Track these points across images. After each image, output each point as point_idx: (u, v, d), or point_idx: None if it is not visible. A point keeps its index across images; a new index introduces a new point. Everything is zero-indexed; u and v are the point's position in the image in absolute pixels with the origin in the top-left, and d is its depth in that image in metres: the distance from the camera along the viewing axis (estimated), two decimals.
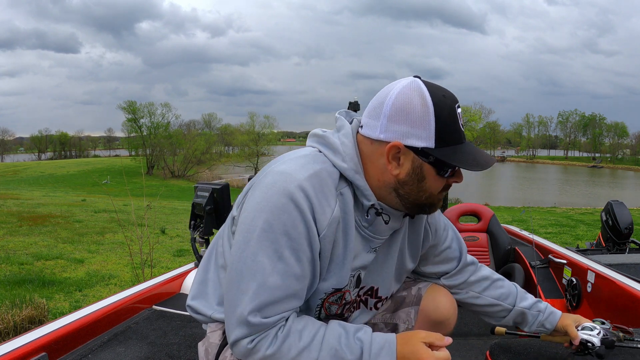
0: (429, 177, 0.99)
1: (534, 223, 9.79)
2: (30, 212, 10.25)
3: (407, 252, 1.21)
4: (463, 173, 1.04)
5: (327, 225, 0.95)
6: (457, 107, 1.00)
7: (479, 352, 2.41)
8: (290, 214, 0.92)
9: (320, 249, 0.97)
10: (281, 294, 0.93)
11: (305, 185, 0.93)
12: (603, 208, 4.23)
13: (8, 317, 3.30)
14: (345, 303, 1.11)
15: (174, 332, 1.75)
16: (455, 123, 0.98)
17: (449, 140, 0.97)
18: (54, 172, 44.53)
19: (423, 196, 1.02)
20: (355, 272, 1.10)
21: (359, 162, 1.01)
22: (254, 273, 0.92)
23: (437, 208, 1.08)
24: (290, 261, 0.93)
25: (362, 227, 1.05)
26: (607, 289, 2.01)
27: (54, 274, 5.16)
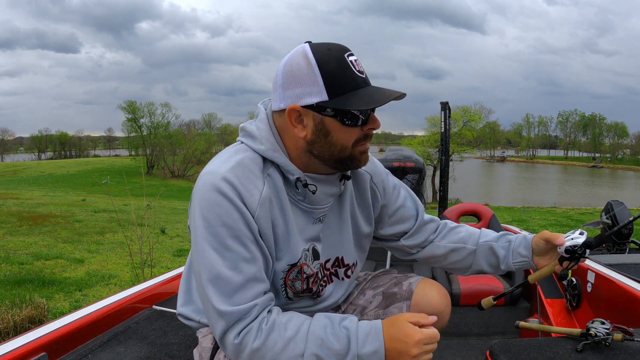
0: (334, 129, 1.01)
1: (534, 223, 9.80)
2: (30, 211, 10.25)
3: (360, 217, 1.22)
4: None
5: (258, 206, 1.00)
6: (349, 55, 1.01)
7: (479, 352, 2.41)
8: (222, 206, 0.97)
9: (260, 230, 1.01)
10: (240, 280, 0.97)
11: (229, 176, 0.98)
12: (603, 208, 4.24)
13: (8, 317, 3.30)
14: (308, 277, 1.12)
15: (174, 332, 1.75)
16: (345, 70, 0.99)
17: (343, 89, 0.98)
18: (53, 172, 44.53)
19: (335, 150, 1.03)
20: (309, 245, 1.12)
21: (276, 141, 1.05)
22: (208, 268, 0.97)
23: (362, 161, 1.07)
24: (235, 248, 0.97)
25: (297, 201, 1.08)
26: (607, 289, 2.02)
27: (53, 273, 5.16)
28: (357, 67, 1.00)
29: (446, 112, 5.79)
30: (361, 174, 1.22)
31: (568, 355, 1.30)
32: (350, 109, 0.98)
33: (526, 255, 1.26)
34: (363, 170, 1.22)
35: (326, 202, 1.12)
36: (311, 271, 1.13)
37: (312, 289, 1.15)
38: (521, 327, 1.75)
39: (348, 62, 0.99)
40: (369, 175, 1.23)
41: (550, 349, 1.34)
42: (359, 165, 1.08)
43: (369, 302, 1.32)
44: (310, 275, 1.13)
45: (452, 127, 29.16)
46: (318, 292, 1.17)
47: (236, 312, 0.95)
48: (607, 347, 1.31)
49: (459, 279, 2.76)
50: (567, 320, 2.28)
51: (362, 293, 1.35)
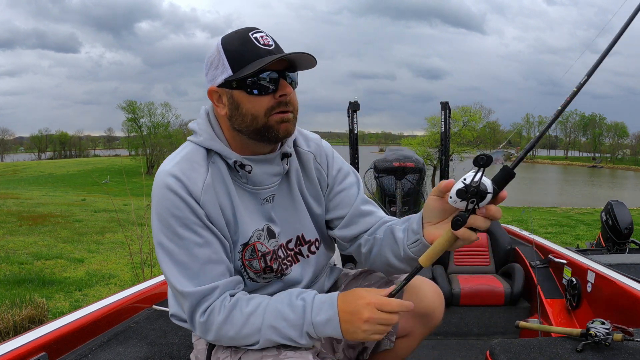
0: (243, 100, 1.05)
1: (534, 223, 9.80)
2: (30, 211, 10.25)
3: (309, 196, 1.23)
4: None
5: (202, 192, 1.07)
6: (254, 33, 1.05)
7: (479, 352, 2.41)
8: (169, 199, 1.05)
9: (208, 215, 1.07)
10: (197, 265, 1.05)
11: (174, 171, 1.06)
12: (603, 208, 4.24)
13: (8, 316, 3.30)
14: (264, 254, 1.15)
15: (174, 332, 1.75)
16: (247, 44, 1.03)
17: (246, 61, 1.03)
18: (53, 171, 44.52)
19: (248, 120, 1.06)
20: (263, 225, 1.16)
21: (214, 131, 1.12)
22: (167, 258, 1.05)
23: (281, 130, 1.06)
24: (187, 235, 1.05)
25: (242, 184, 1.13)
26: (607, 289, 2.02)
27: (53, 273, 5.16)
28: (262, 42, 1.04)
29: (446, 112, 5.79)
30: (304, 154, 1.23)
31: (568, 355, 1.30)
32: (244, 76, 1.02)
33: (416, 230, 1.07)
34: (306, 150, 1.23)
35: (270, 182, 1.16)
36: (267, 249, 1.15)
37: (272, 267, 1.17)
38: (521, 327, 1.76)
39: (251, 38, 1.04)
40: (312, 155, 1.24)
41: (550, 349, 1.34)
42: (278, 135, 1.07)
43: None
44: (266, 252, 1.15)
45: (452, 127, 29.13)
46: (281, 270, 1.18)
47: (198, 292, 1.03)
48: (607, 347, 1.31)
49: (459, 279, 2.76)
50: (567, 320, 2.28)
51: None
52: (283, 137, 1.08)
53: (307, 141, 1.26)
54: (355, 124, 5.67)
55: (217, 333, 1.04)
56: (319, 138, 1.31)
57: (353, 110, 5.72)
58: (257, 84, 1.03)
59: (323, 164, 1.26)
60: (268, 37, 1.05)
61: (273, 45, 1.04)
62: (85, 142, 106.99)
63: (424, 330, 1.27)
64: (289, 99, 1.06)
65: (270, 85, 1.04)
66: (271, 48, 1.04)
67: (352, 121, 5.68)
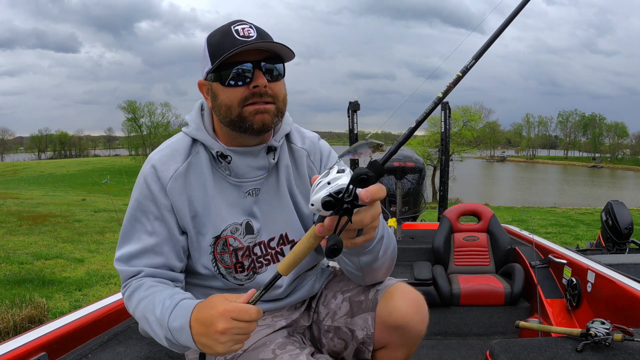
0: (219, 91, 1.06)
1: (534, 223, 9.79)
2: (30, 211, 10.25)
3: (298, 194, 1.21)
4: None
5: (171, 179, 1.09)
6: (237, 25, 1.05)
7: (479, 352, 2.41)
8: (140, 184, 1.11)
9: (173, 204, 1.10)
10: (138, 248, 1.10)
11: (154, 159, 1.12)
12: (603, 208, 4.24)
13: (8, 316, 3.30)
14: (236, 249, 1.14)
15: None
16: (226, 37, 1.03)
17: (222, 53, 1.02)
18: (53, 171, 44.51)
19: (223, 111, 1.06)
20: (243, 220, 1.15)
21: (202, 122, 1.14)
22: (122, 234, 1.13)
23: (256, 122, 1.05)
24: (142, 220, 1.10)
25: (226, 176, 1.13)
26: (607, 289, 2.01)
27: (53, 273, 5.16)
28: (242, 33, 1.03)
29: (446, 112, 5.79)
30: (297, 150, 1.22)
31: (568, 355, 1.30)
32: (216, 67, 1.03)
33: None
34: (299, 147, 1.22)
35: (254, 175, 1.14)
36: (240, 244, 1.14)
37: (244, 264, 1.15)
38: (521, 327, 1.76)
39: (232, 31, 1.03)
40: (306, 152, 1.22)
41: (550, 349, 1.34)
42: (252, 127, 1.05)
43: (339, 308, 1.26)
44: (238, 247, 1.14)
45: (452, 127, 29.12)
46: (253, 268, 1.16)
47: (126, 272, 1.10)
48: (607, 347, 1.31)
49: (459, 279, 2.76)
50: (567, 320, 2.28)
51: (334, 296, 1.28)
52: (259, 129, 1.06)
53: (302, 139, 1.24)
54: (356, 124, 5.67)
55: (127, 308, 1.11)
56: (316, 137, 1.29)
57: (353, 110, 5.72)
58: (230, 75, 1.03)
59: (316, 162, 1.24)
60: (251, 29, 1.04)
61: (254, 37, 1.02)
62: (85, 142, 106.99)
63: (403, 342, 1.19)
64: (265, 90, 1.04)
65: (245, 77, 1.03)
66: (250, 39, 1.02)
67: (352, 121, 5.67)
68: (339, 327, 1.24)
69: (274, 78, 1.06)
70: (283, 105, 1.10)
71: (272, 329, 1.20)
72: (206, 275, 1.17)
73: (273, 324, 1.21)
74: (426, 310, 1.18)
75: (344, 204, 0.75)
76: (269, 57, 1.05)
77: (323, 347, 1.28)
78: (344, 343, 1.23)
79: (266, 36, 1.06)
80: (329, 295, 1.31)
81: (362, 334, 1.19)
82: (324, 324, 1.27)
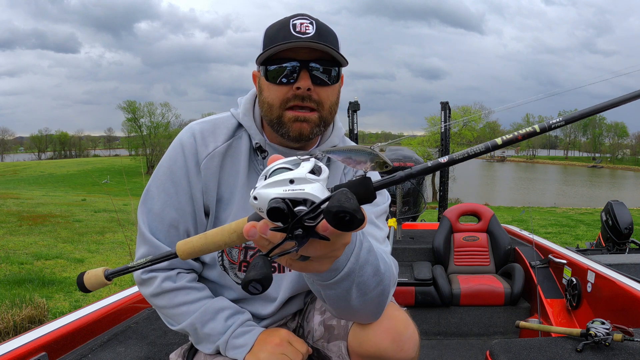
0: (264, 86, 1.01)
1: (534, 223, 9.79)
2: (30, 211, 10.25)
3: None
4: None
5: (208, 157, 1.04)
6: (297, 19, 0.97)
7: (479, 352, 2.41)
8: (175, 151, 1.06)
9: (204, 182, 1.04)
10: (164, 222, 1.05)
11: (195, 128, 1.06)
12: (603, 208, 4.24)
13: (8, 316, 3.30)
14: (247, 247, 1.09)
15: (174, 332, 1.75)
16: (282, 30, 0.96)
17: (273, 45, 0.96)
18: (53, 171, 44.51)
19: (265, 108, 1.02)
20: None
21: (252, 108, 1.09)
22: (145, 200, 1.07)
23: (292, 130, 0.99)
24: (170, 192, 1.05)
25: (258, 170, 1.08)
26: (607, 289, 2.01)
27: (53, 273, 5.16)
28: (299, 28, 0.95)
29: (446, 112, 5.78)
30: (336, 162, 1.15)
31: (568, 355, 1.30)
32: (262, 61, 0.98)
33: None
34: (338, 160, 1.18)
35: None
36: (252, 244, 1.07)
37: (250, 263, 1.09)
38: (521, 327, 1.76)
39: (289, 24, 0.96)
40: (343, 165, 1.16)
41: (550, 349, 1.34)
42: (289, 134, 0.99)
43: (315, 330, 1.16)
44: (250, 247, 1.09)
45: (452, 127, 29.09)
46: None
47: (155, 244, 1.04)
48: (607, 347, 1.31)
49: (459, 279, 2.76)
50: (567, 320, 2.28)
51: (313, 315, 1.19)
52: (296, 138, 0.99)
53: None
54: (356, 124, 5.67)
55: (151, 294, 1.07)
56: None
57: (353, 110, 5.72)
58: (276, 71, 0.97)
59: (349, 175, 1.18)
60: (310, 25, 0.96)
61: (311, 34, 0.95)
62: (85, 142, 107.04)
63: None
64: (308, 94, 0.96)
65: (290, 75, 0.96)
66: (306, 36, 0.94)
67: (352, 121, 5.67)
68: (318, 349, 1.16)
69: (321, 82, 0.98)
70: (328, 115, 1.01)
71: None
72: (206, 264, 1.12)
73: None
74: (408, 336, 0.98)
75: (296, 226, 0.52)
76: (321, 58, 0.96)
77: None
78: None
79: (326, 35, 0.97)
80: (311, 312, 1.21)
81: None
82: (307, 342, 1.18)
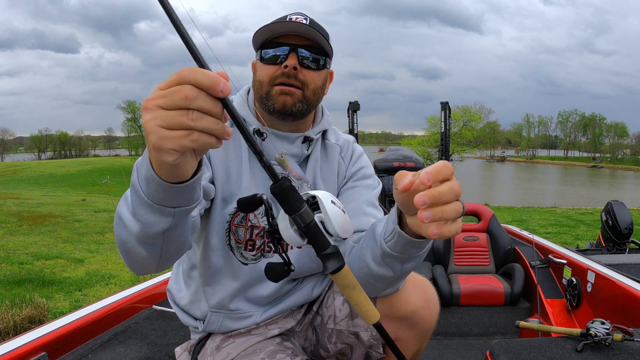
0: (257, 67, 1.11)
1: (534, 223, 9.79)
2: (30, 211, 10.25)
3: (321, 186, 1.19)
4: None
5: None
6: (296, 15, 1.09)
7: (479, 352, 2.41)
8: None
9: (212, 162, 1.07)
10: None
11: None
12: (603, 208, 4.24)
13: (8, 316, 3.30)
14: (253, 226, 1.12)
15: (174, 331, 1.75)
16: (280, 20, 1.07)
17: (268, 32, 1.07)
18: (53, 171, 44.51)
19: (256, 87, 1.11)
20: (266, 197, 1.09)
21: (247, 98, 1.16)
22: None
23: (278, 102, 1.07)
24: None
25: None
26: (607, 289, 2.02)
27: (53, 273, 5.16)
28: (294, 19, 1.07)
29: (446, 112, 5.79)
30: (331, 146, 1.23)
31: (568, 355, 1.30)
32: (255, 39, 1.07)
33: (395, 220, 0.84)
34: (334, 143, 1.23)
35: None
36: (257, 223, 1.13)
37: (256, 242, 1.13)
38: (521, 327, 1.76)
39: (286, 16, 1.08)
40: (339, 148, 1.24)
41: (550, 349, 1.34)
42: (274, 106, 1.07)
43: (339, 310, 1.22)
44: (255, 225, 1.12)
45: (452, 127, 29.12)
46: (262, 249, 1.14)
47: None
48: (607, 347, 1.31)
49: (459, 279, 2.76)
50: (567, 320, 2.28)
51: (334, 298, 1.25)
52: (279, 109, 1.07)
53: (337, 137, 1.26)
54: (356, 124, 5.67)
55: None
56: (352, 139, 1.30)
57: (353, 110, 5.72)
58: (267, 53, 1.07)
59: (346, 158, 1.25)
60: (304, 20, 1.07)
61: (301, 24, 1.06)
62: (85, 142, 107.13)
63: (412, 334, 1.13)
64: (294, 73, 1.06)
65: (279, 56, 1.06)
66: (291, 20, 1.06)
67: (352, 121, 5.67)
68: (341, 330, 1.20)
69: (307, 66, 1.08)
70: (312, 96, 1.10)
71: (264, 337, 1.17)
72: (212, 248, 1.10)
73: (265, 332, 1.18)
74: (433, 295, 1.13)
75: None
76: (310, 45, 1.07)
77: (328, 352, 1.24)
78: (349, 347, 1.20)
79: (317, 28, 1.08)
80: (330, 297, 1.27)
81: (367, 335, 1.16)
82: (327, 328, 1.23)
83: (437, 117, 26.93)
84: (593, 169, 72.99)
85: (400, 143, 61.82)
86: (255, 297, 1.15)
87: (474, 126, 37.68)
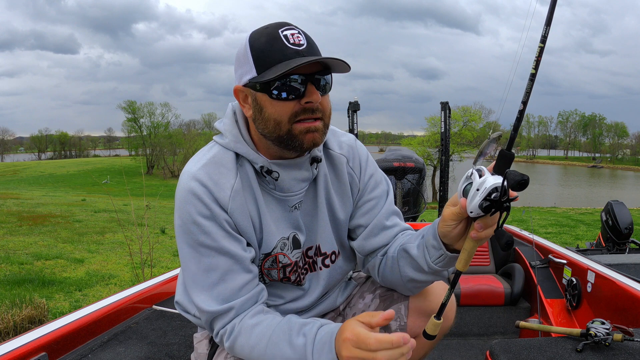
0: (266, 104, 0.98)
1: (534, 223, 9.80)
2: (30, 211, 10.25)
3: (336, 201, 1.15)
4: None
5: (230, 199, 1.01)
6: (285, 29, 0.97)
7: (479, 352, 2.40)
8: (192, 203, 1.00)
9: (236, 223, 1.02)
10: (215, 275, 1.00)
11: (199, 174, 1.01)
12: (603, 208, 4.24)
13: (8, 317, 3.30)
14: (285, 266, 1.10)
15: (174, 332, 1.75)
16: (275, 43, 0.95)
17: (271, 62, 0.95)
18: (53, 171, 44.51)
19: (271, 126, 0.98)
20: (289, 234, 1.10)
21: (240, 132, 1.06)
22: (187, 265, 1.03)
23: (306, 141, 0.99)
24: (208, 243, 1.00)
25: (270, 190, 1.07)
26: (607, 289, 2.01)
27: (53, 273, 5.16)
28: (292, 40, 0.95)
29: (446, 112, 5.78)
30: (337, 157, 1.16)
31: (568, 355, 1.30)
32: (265, 80, 0.94)
33: (437, 245, 1.01)
34: (338, 154, 1.16)
35: (299, 188, 1.09)
36: (289, 260, 1.10)
37: (290, 278, 1.12)
38: (521, 327, 1.75)
39: (280, 36, 0.95)
40: (345, 158, 1.17)
41: (550, 349, 1.34)
42: (302, 146, 0.99)
43: (368, 306, 1.25)
44: (287, 264, 1.10)
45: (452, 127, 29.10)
46: (298, 281, 1.14)
47: (212, 313, 1.00)
48: (607, 347, 1.31)
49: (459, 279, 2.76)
50: (567, 320, 2.28)
51: (362, 296, 1.29)
52: (308, 148, 1.00)
53: (339, 143, 1.18)
54: (356, 124, 5.67)
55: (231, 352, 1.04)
56: (353, 139, 1.22)
57: (353, 111, 5.72)
58: (281, 88, 0.95)
59: (356, 168, 1.18)
60: (300, 35, 0.97)
61: (304, 45, 0.96)
62: (85, 142, 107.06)
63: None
64: (316, 106, 0.97)
65: (296, 90, 0.96)
66: (301, 48, 0.95)
67: (352, 121, 5.67)
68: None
69: (324, 92, 1.00)
70: (329, 120, 1.03)
71: None
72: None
73: None
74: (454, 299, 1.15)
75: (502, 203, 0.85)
76: (321, 69, 0.98)
77: None
78: None
79: (314, 44, 0.99)
80: (355, 297, 1.30)
81: (395, 325, 1.17)
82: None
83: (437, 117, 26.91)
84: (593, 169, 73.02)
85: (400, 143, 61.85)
86: (285, 310, 1.16)
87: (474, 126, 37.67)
